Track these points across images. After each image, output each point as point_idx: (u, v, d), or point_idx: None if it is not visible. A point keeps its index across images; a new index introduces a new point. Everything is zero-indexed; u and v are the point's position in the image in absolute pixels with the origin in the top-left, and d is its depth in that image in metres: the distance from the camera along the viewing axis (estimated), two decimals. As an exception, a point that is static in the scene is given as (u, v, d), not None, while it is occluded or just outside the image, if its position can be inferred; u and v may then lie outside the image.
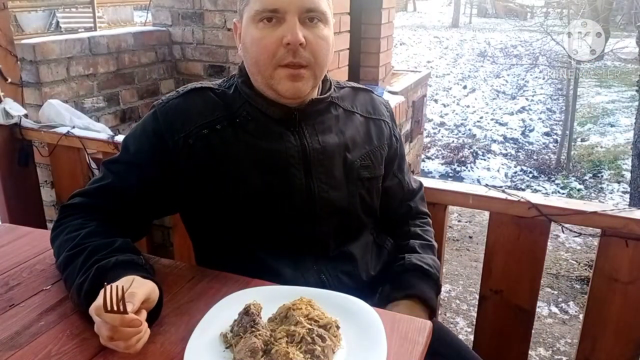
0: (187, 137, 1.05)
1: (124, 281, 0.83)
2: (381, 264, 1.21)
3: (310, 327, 0.81)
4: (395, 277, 1.17)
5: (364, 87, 1.27)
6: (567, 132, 6.53)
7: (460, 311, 3.04)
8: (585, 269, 3.55)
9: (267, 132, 1.07)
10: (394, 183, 1.26)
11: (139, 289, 0.82)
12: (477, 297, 1.59)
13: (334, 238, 1.12)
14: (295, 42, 0.99)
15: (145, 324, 0.82)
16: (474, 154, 6.62)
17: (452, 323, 2.91)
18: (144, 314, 0.82)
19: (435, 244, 1.27)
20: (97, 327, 0.81)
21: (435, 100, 9.36)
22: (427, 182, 1.52)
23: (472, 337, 1.63)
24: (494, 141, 7.26)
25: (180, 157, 1.05)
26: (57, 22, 9.00)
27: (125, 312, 0.77)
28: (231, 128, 1.07)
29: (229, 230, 1.09)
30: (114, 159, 1.11)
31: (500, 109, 8.93)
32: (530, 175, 6.16)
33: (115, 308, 0.77)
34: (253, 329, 0.81)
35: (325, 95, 1.13)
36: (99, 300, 0.79)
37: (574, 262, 3.71)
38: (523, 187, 5.84)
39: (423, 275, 1.16)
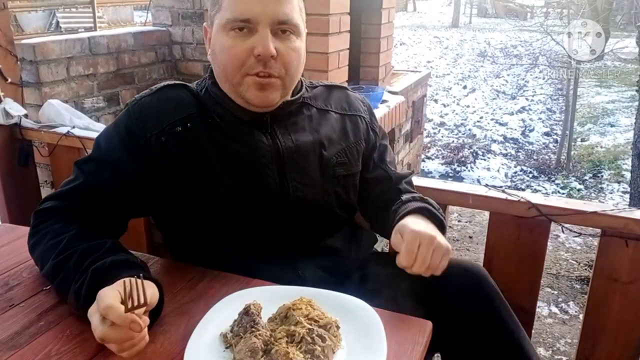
0: (160, 135, 1.04)
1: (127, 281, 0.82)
2: (362, 257, 1.21)
3: (310, 327, 0.81)
4: (394, 212, 1.11)
5: (338, 84, 1.27)
6: (567, 132, 6.52)
7: (460, 311, 3.03)
8: (585, 269, 3.55)
9: (239, 132, 1.07)
10: (378, 174, 1.24)
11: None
12: (477, 297, 1.59)
13: (311, 234, 1.11)
14: (266, 54, 0.98)
15: (145, 331, 0.80)
16: (474, 154, 6.61)
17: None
18: (146, 320, 0.80)
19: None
20: (93, 327, 0.80)
21: (435, 100, 9.36)
22: (427, 182, 1.53)
23: (472, 337, 1.62)
24: (494, 141, 7.25)
25: (153, 154, 1.04)
26: (57, 22, 9.01)
27: (145, 303, 0.78)
28: (204, 126, 1.06)
29: (202, 227, 1.09)
30: (85, 158, 1.10)
31: (500, 109, 8.92)
32: (530, 175, 6.15)
33: (135, 302, 0.77)
34: (253, 329, 0.81)
35: (296, 97, 1.12)
36: (107, 300, 0.78)
37: (574, 262, 3.71)
38: (523, 187, 5.83)
39: (422, 201, 1.12)
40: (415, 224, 1.00)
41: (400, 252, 0.97)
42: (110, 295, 0.79)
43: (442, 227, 1.07)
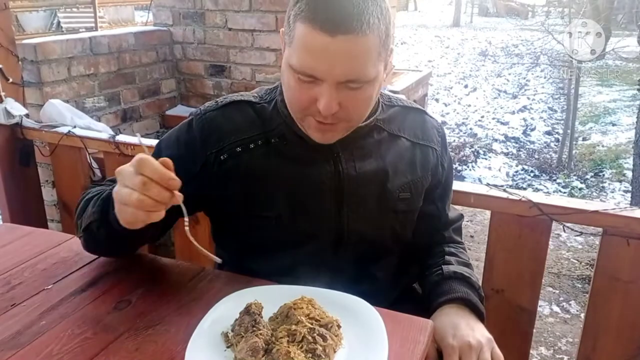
0: (220, 153, 1.02)
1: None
2: (399, 291, 1.18)
3: (311, 326, 0.81)
4: (434, 286, 1.10)
5: (417, 106, 1.18)
6: (569, 131, 6.52)
7: (462, 310, 3.03)
8: (587, 268, 3.55)
9: (302, 156, 1.03)
10: (430, 209, 1.17)
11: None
12: (479, 296, 1.59)
13: (355, 263, 1.08)
14: (327, 112, 0.91)
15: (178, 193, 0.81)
16: (475, 153, 6.61)
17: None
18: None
19: (472, 265, 1.18)
20: (128, 182, 0.80)
21: (437, 100, 9.35)
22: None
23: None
24: (496, 140, 7.25)
25: (210, 172, 1.02)
26: (58, 22, 9.02)
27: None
28: (265, 148, 1.03)
29: (248, 245, 1.08)
30: None
31: (501, 108, 8.92)
32: (532, 174, 6.15)
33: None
34: (254, 329, 0.81)
35: (369, 121, 1.05)
36: (141, 155, 0.79)
37: (576, 261, 3.71)
38: (524, 186, 5.83)
39: (464, 281, 1.09)
40: (452, 327, 1.00)
41: None
42: (147, 155, 0.80)
43: (481, 316, 1.05)
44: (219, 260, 0.90)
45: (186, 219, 0.85)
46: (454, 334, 0.98)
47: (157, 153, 1.07)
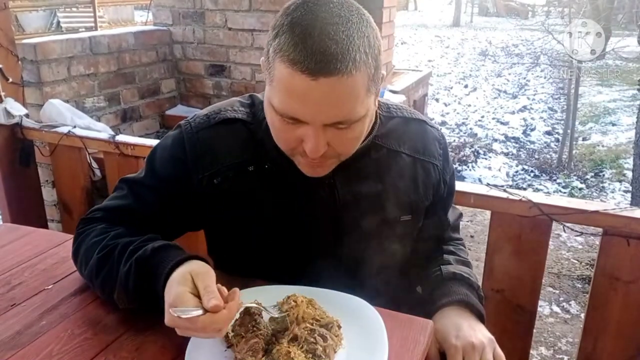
0: (213, 176, 0.98)
1: (202, 274, 0.80)
2: (398, 291, 1.16)
3: (311, 326, 0.81)
4: (434, 287, 1.09)
5: (418, 117, 1.10)
6: (569, 131, 6.52)
7: (462, 310, 3.03)
8: (587, 268, 3.55)
9: (296, 183, 0.97)
10: (432, 220, 1.13)
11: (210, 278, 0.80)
12: (479, 296, 1.59)
13: (355, 278, 1.05)
14: (315, 155, 0.85)
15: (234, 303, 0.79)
16: (475, 153, 6.61)
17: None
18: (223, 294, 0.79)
19: (471, 263, 1.17)
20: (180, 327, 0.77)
21: (437, 100, 9.35)
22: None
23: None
24: (496, 140, 7.25)
25: (203, 193, 0.99)
26: (58, 22, 9.03)
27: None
28: (259, 173, 0.99)
29: (244, 266, 1.05)
30: (137, 179, 1.04)
31: (501, 108, 8.92)
32: (532, 175, 6.15)
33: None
34: (254, 329, 0.81)
35: (366, 142, 0.98)
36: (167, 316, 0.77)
37: (576, 262, 3.71)
38: (524, 186, 5.83)
39: (463, 282, 1.08)
40: (454, 328, 0.99)
41: None
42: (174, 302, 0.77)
43: (481, 316, 1.04)
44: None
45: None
46: (457, 334, 0.98)
47: (150, 169, 1.04)
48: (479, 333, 0.99)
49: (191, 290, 0.78)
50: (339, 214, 0.99)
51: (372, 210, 1.01)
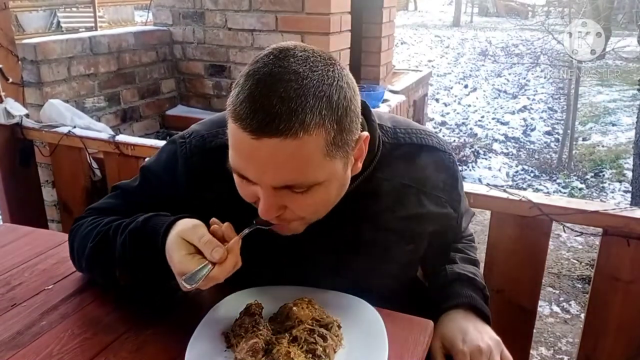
0: (206, 191, 0.96)
1: (190, 230, 0.81)
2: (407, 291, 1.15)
3: (311, 326, 0.81)
4: (439, 289, 1.08)
5: (430, 142, 1.00)
6: (569, 131, 6.52)
7: (462, 310, 3.03)
8: (587, 268, 3.55)
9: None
10: (447, 237, 1.12)
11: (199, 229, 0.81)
12: (479, 296, 1.59)
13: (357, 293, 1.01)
14: (267, 217, 0.80)
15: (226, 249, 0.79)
16: (476, 153, 6.61)
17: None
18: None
19: (478, 260, 1.15)
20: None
21: (437, 100, 9.35)
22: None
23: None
24: (496, 140, 7.25)
25: (199, 204, 0.95)
26: (58, 22, 9.02)
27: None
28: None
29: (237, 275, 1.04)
30: (132, 188, 1.04)
31: (501, 108, 8.92)
32: (532, 175, 6.15)
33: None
34: (254, 329, 0.81)
35: (359, 181, 0.91)
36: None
37: (576, 262, 3.70)
38: (524, 186, 5.83)
39: (469, 283, 1.06)
40: (461, 332, 0.99)
41: None
42: (176, 249, 0.79)
43: (486, 318, 1.04)
44: None
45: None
46: (464, 339, 0.98)
47: (143, 179, 1.03)
48: (485, 336, 0.99)
49: (187, 251, 0.79)
50: (339, 256, 0.96)
51: (375, 251, 0.98)
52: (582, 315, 2.09)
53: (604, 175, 6.08)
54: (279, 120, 0.71)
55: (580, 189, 5.72)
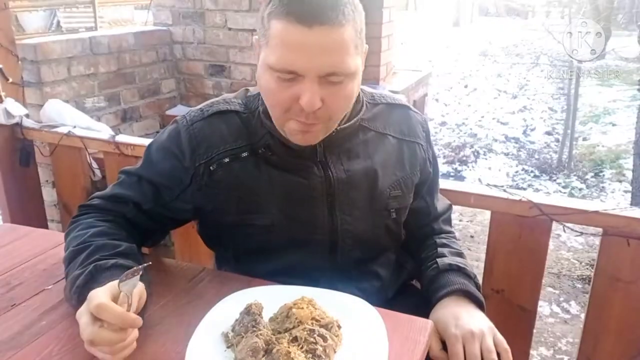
0: (209, 164, 1.02)
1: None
2: (399, 284, 1.19)
3: (311, 326, 0.81)
4: (431, 280, 1.12)
5: (401, 102, 1.18)
6: (569, 131, 6.52)
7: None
8: (587, 269, 3.55)
9: (290, 164, 1.03)
10: (420, 205, 1.19)
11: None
12: (479, 296, 1.59)
13: (355, 262, 1.09)
14: (310, 109, 0.89)
15: (136, 333, 0.80)
16: (475, 153, 6.61)
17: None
18: (140, 319, 0.80)
19: (464, 254, 1.20)
20: (82, 329, 0.78)
21: (437, 100, 9.34)
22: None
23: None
24: (496, 140, 7.25)
25: (200, 183, 1.03)
26: (58, 22, 9.02)
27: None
28: (253, 158, 1.03)
29: (242, 250, 1.09)
30: (135, 170, 1.08)
31: (501, 108, 8.91)
32: (532, 175, 6.14)
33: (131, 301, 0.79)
34: (254, 329, 0.81)
35: (353, 122, 1.05)
36: (100, 299, 0.77)
37: (576, 262, 3.70)
38: (524, 186, 5.82)
39: (460, 272, 1.11)
40: (453, 317, 1.01)
41: None
42: (102, 295, 0.78)
43: (480, 304, 1.07)
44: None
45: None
46: (456, 323, 1.00)
47: (147, 161, 1.07)
48: (478, 320, 1.01)
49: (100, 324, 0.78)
50: (332, 190, 1.04)
51: (363, 186, 1.06)
52: (582, 316, 2.09)
53: (604, 175, 6.08)
54: (328, 9, 0.85)
55: (580, 189, 5.72)
